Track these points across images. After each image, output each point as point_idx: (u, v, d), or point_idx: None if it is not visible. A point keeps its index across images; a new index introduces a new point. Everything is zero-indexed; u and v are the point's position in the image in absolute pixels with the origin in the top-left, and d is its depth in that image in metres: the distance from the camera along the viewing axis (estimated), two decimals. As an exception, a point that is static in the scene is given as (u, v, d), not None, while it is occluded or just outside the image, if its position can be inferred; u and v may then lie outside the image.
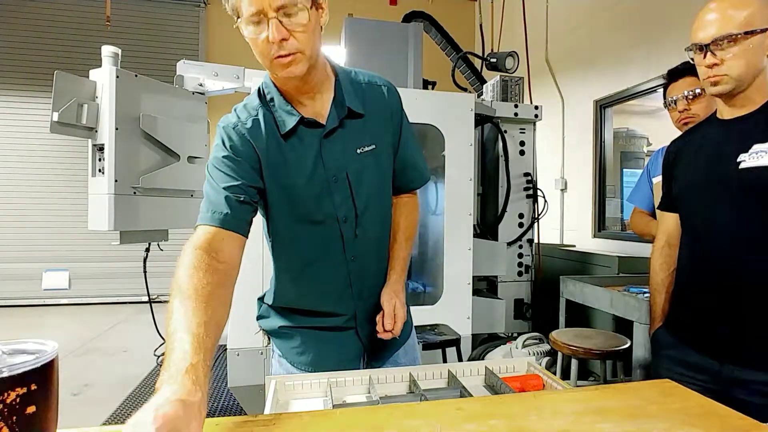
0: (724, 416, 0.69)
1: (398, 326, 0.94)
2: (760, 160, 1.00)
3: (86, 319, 4.73)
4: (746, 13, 0.99)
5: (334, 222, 0.94)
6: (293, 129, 0.89)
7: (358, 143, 0.93)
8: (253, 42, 0.82)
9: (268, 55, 0.81)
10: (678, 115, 1.60)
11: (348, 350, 1.04)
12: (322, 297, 1.01)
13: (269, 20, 0.76)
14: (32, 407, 0.41)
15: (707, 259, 1.10)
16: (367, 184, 0.94)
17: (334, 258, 0.97)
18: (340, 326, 1.03)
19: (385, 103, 0.98)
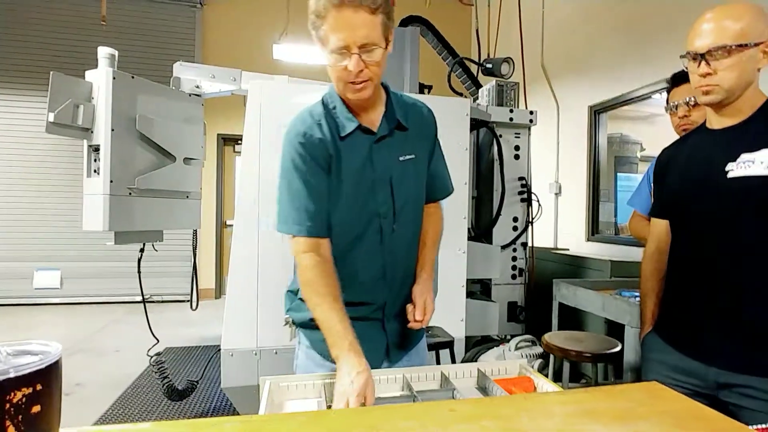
0: (711, 419, 0.71)
1: (427, 318, 1.07)
2: (748, 170, 1.02)
3: (78, 319, 4.69)
4: (741, 26, 1.01)
5: (375, 217, 1.07)
6: (350, 133, 1.04)
7: (400, 152, 1.08)
8: (334, 68, 0.98)
9: (343, 80, 0.97)
10: (678, 121, 1.60)
11: (375, 342, 1.11)
12: (358, 286, 1.09)
13: (351, 54, 0.93)
14: (37, 407, 0.42)
15: (696, 265, 1.12)
16: (405, 187, 1.09)
17: (372, 248, 1.08)
18: (369, 317, 1.11)
19: (424, 121, 1.15)
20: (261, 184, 2.05)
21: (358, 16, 0.91)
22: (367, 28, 0.92)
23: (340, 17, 0.91)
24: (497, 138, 2.75)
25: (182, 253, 5.43)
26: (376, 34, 0.94)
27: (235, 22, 5.78)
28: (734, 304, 1.04)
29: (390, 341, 1.14)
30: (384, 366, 1.14)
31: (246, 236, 2.04)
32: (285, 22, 5.71)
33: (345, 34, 0.92)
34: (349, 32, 0.91)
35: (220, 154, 5.87)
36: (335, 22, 0.92)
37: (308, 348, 1.16)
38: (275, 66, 5.02)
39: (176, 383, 2.30)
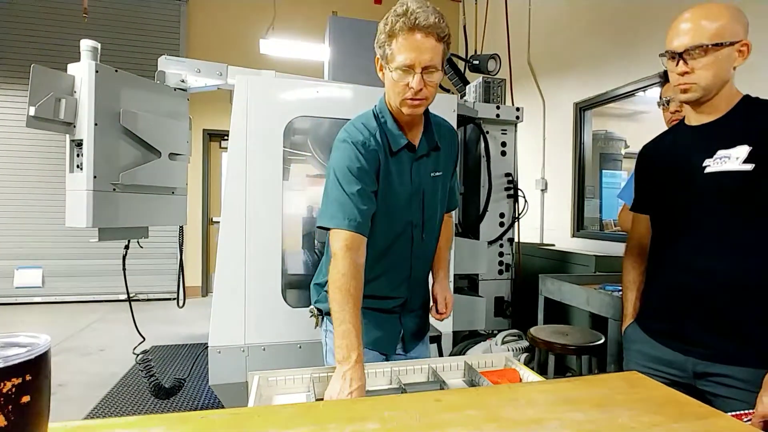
0: (685, 404, 0.74)
1: (448, 311, 1.26)
2: (724, 165, 1.05)
3: (61, 318, 4.61)
4: (717, 25, 1.03)
5: (408, 225, 1.19)
6: (400, 149, 1.15)
7: (432, 169, 1.21)
8: (395, 83, 1.07)
9: (402, 95, 1.07)
10: (670, 116, 1.63)
11: (391, 333, 1.26)
12: (386, 284, 1.22)
13: (415, 74, 1.03)
14: (27, 397, 0.42)
15: (675, 259, 1.16)
16: (433, 200, 1.22)
17: (404, 253, 1.21)
18: (390, 309, 1.25)
19: (452, 142, 1.28)
20: (248, 180, 2.04)
21: (426, 41, 1.02)
22: (432, 53, 1.03)
23: (411, 39, 1.02)
24: (484, 134, 2.77)
25: (168, 250, 5.38)
26: (438, 60, 1.05)
27: (221, 16, 5.71)
28: (711, 297, 1.08)
29: (405, 332, 1.28)
30: (399, 353, 1.28)
31: (233, 233, 2.03)
32: (272, 17, 5.66)
33: (413, 55, 1.02)
34: (416, 53, 1.02)
35: (207, 150, 5.81)
36: (406, 42, 1.02)
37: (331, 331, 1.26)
38: (262, 61, 4.98)
39: (163, 381, 2.28)
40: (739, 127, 1.06)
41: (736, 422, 0.70)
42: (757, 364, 1.00)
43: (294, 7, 5.75)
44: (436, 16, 1.03)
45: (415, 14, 1.00)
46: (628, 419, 0.69)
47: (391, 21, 1.03)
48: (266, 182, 2.06)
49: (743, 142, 1.03)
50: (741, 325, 1.04)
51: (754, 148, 1.02)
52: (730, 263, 1.06)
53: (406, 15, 1.01)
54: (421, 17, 1.00)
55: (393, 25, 1.02)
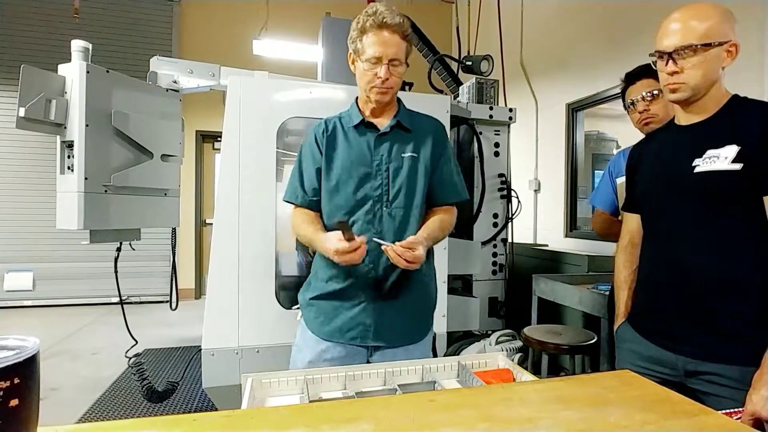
0: (677, 402, 0.75)
1: (407, 256, 1.14)
2: (713, 165, 1.06)
3: (52, 321, 4.56)
4: (706, 26, 1.05)
5: (369, 199, 1.27)
6: (356, 126, 1.31)
7: (402, 149, 1.30)
8: (365, 73, 1.24)
9: (371, 83, 1.23)
10: (638, 116, 1.65)
11: (362, 324, 1.27)
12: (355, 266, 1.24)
13: (382, 65, 1.20)
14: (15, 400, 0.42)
15: (665, 258, 1.17)
16: (401, 177, 1.28)
17: (363, 226, 1.26)
18: (355, 296, 1.27)
19: (431, 129, 1.36)
20: (241, 182, 2.03)
21: (392, 38, 1.20)
22: (397, 48, 1.21)
23: (380, 35, 1.20)
24: (477, 135, 2.78)
25: (161, 252, 5.33)
26: (402, 55, 1.23)
27: (214, 16, 5.69)
28: (700, 296, 1.08)
29: (374, 325, 1.27)
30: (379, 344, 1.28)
31: (226, 235, 2.02)
32: (265, 18, 5.64)
33: (381, 49, 1.19)
34: (384, 48, 1.19)
35: (199, 151, 5.78)
36: (375, 38, 1.20)
37: (304, 326, 1.35)
38: (255, 61, 4.96)
39: (156, 385, 2.26)
40: (727, 127, 1.07)
41: (726, 419, 0.71)
42: (746, 362, 1.00)
43: (287, 8, 5.74)
44: (401, 17, 1.21)
45: (382, 14, 1.18)
46: (621, 417, 0.69)
47: (362, 20, 1.21)
48: (259, 183, 2.06)
49: (732, 141, 1.04)
50: (730, 323, 1.05)
51: (743, 147, 1.03)
52: (718, 262, 1.07)
53: (375, 15, 1.19)
54: (388, 17, 1.19)
55: (364, 23, 1.20)
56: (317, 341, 1.30)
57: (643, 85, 1.62)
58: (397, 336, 1.31)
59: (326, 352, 1.28)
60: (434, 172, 1.33)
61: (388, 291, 1.28)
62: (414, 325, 1.34)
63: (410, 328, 1.33)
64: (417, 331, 1.36)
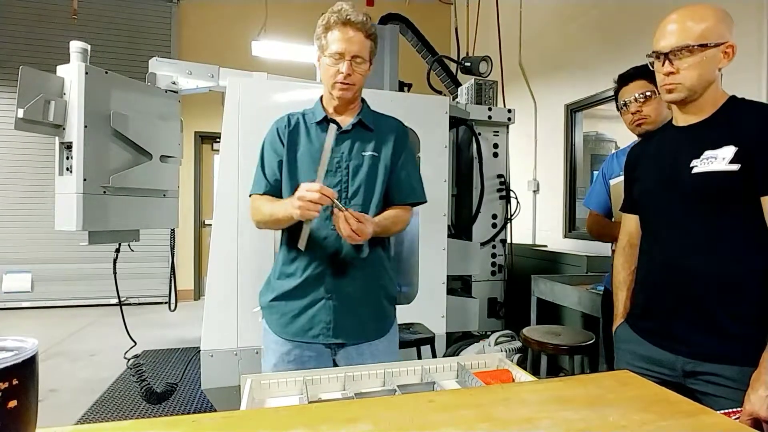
0: (675, 403, 0.75)
1: (352, 223, 1.13)
2: (711, 166, 1.06)
3: (51, 323, 4.55)
4: (703, 27, 1.05)
5: None
6: (319, 122, 1.32)
7: (363, 147, 1.31)
8: (328, 68, 1.25)
9: (334, 78, 1.25)
10: (631, 117, 1.66)
11: (320, 322, 1.27)
12: (305, 256, 1.26)
13: (345, 60, 1.22)
14: (14, 402, 0.42)
15: (663, 258, 1.17)
16: (360, 175, 1.29)
17: (321, 222, 1.24)
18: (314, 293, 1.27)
19: (391, 129, 1.37)
20: (240, 183, 2.03)
21: (356, 35, 1.23)
22: (361, 45, 1.24)
23: (344, 31, 1.22)
24: (476, 136, 2.79)
25: (160, 253, 5.33)
26: (366, 53, 1.26)
27: (213, 17, 5.69)
28: (698, 296, 1.09)
29: (335, 323, 1.27)
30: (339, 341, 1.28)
31: (225, 236, 2.02)
32: (263, 19, 5.64)
33: (344, 45, 1.22)
34: (347, 44, 1.22)
35: (198, 152, 5.77)
36: (339, 34, 1.22)
37: (266, 327, 1.34)
38: (254, 63, 4.96)
39: (155, 386, 2.26)
40: (725, 127, 1.08)
41: (724, 419, 0.71)
42: (744, 362, 1.01)
43: (286, 8, 5.75)
44: (365, 17, 1.25)
45: (347, 12, 1.22)
46: (619, 417, 0.69)
47: (327, 17, 1.24)
48: (258, 184, 2.05)
49: (729, 142, 1.05)
50: (728, 324, 1.05)
51: (740, 148, 1.03)
52: (716, 263, 1.07)
53: (339, 12, 1.22)
54: (353, 15, 1.22)
55: (328, 19, 1.23)
56: (281, 343, 1.29)
57: (636, 86, 1.63)
58: (358, 332, 1.30)
59: (289, 354, 1.28)
60: (393, 172, 1.34)
61: (345, 287, 1.27)
62: (374, 320, 1.33)
63: (370, 323, 1.32)
64: (378, 325, 1.34)
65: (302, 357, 1.27)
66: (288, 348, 1.28)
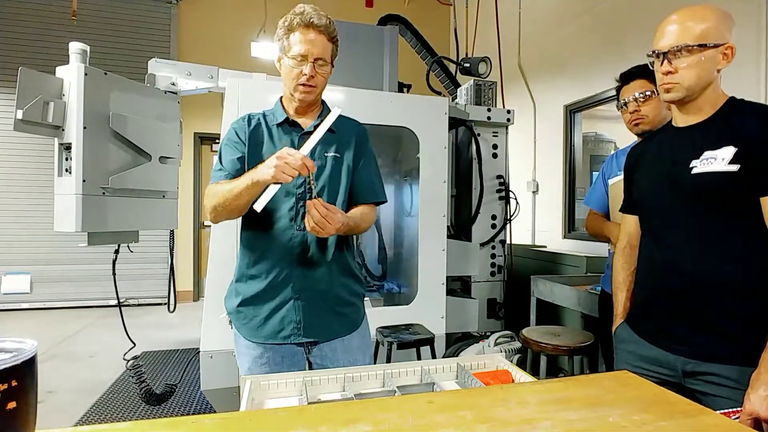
0: (674, 403, 0.75)
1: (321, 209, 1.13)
2: (710, 166, 1.07)
3: (50, 324, 4.54)
4: (703, 27, 1.05)
5: (291, 195, 1.26)
6: (280, 124, 1.31)
7: (326, 149, 1.31)
8: (289, 70, 1.25)
9: (296, 80, 1.24)
10: (629, 116, 1.67)
11: (290, 322, 1.26)
12: (271, 255, 1.26)
13: (308, 63, 1.22)
14: (12, 403, 0.42)
15: (663, 259, 1.17)
16: (325, 176, 1.30)
17: (285, 224, 1.26)
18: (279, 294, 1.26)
19: (353, 132, 1.38)
20: (240, 183, 2.03)
21: (319, 38, 1.23)
22: (323, 48, 1.24)
23: (307, 33, 1.22)
24: (475, 137, 2.79)
25: (159, 254, 5.33)
26: (328, 55, 1.26)
27: (212, 18, 5.69)
28: (698, 297, 1.09)
29: (306, 319, 1.26)
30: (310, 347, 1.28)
31: (224, 237, 2.02)
32: (263, 19, 5.65)
33: (307, 47, 1.22)
34: (310, 46, 1.22)
35: (198, 153, 5.77)
36: (301, 36, 1.22)
37: (236, 332, 1.33)
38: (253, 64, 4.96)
39: (154, 387, 2.26)
40: (724, 128, 1.08)
41: (723, 419, 0.71)
42: (744, 362, 1.01)
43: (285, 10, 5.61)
44: (328, 20, 1.25)
45: (309, 14, 1.22)
46: (619, 418, 0.69)
47: (289, 18, 1.24)
48: (258, 185, 2.05)
49: (729, 143, 1.05)
50: (727, 324, 1.05)
51: (740, 149, 1.03)
52: (715, 263, 1.07)
53: (302, 14, 1.22)
54: (315, 18, 1.22)
55: (291, 21, 1.23)
56: (252, 347, 1.28)
57: (637, 85, 1.64)
58: (328, 329, 1.30)
59: (262, 357, 1.27)
60: (356, 173, 1.35)
61: (312, 286, 1.27)
62: (343, 315, 1.33)
63: (340, 319, 1.32)
64: (347, 320, 1.34)
65: (275, 359, 1.27)
66: (260, 351, 1.27)
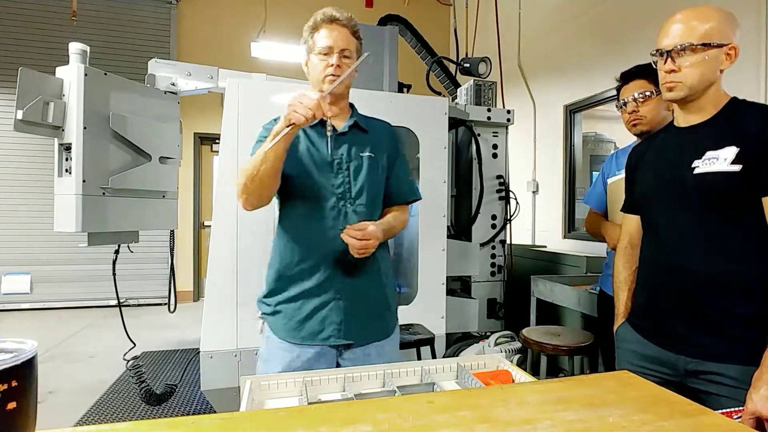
0: (675, 403, 0.75)
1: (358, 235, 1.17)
2: (712, 166, 1.07)
3: (50, 325, 4.54)
4: (707, 27, 1.06)
5: (332, 195, 1.28)
6: (314, 125, 1.29)
7: (361, 149, 1.33)
8: (316, 66, 1.29)
9: (323, 72, 1.27)
10: (627, 116, 1.66)
11: (331, 323, 1.26)
12: (314, 254, 1.27)
13: (334, 54, 1.26)
14: (12, 403, 0.42)
15: (665, 258, 1.17)
16: (362, 175, 1.31)
17: (328, 223, 1.26)
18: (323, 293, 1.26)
19: (386, 133, 1.42)
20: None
21: (343, 31, 1.28)
22: (347, 40, 1.28)
23: (331, 29, 1.28)
24: (475, 137, 2.79)
25: (159, 254, 5.33)
26: (353, 49, 1.30)
27: (212, 19, 5.69)
28: (700, 296, 1.09)
29: (347, 321, 1.27)
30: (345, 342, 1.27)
31: (224, 237, 2.02)
32: (263, 20, 5.65)
33: (332, 41, 1.27)
34: (334, 40, 1.27)
35: (198, 153, 5.77)
36: (326, 31, 1.28)
37: (270, 335, 1.31)
38: (253, 64, 4.97)
39: (154, 387, 2.26)
40: (726, 128, 1.08)
41: (723, 419, 0.71)
42: (746, 361, 1.01)
43: (285, 10, 5.75)
44: (350, 16, 1.31)
45: (331, 11, 1.29)
46: (619, 418, 0.69)
47: (313, 18, 1.31)
48: (258, 185, 2.05)
49: (731, 143, 1.05)
50: (729, 323, 1.05)
51: (742, 149, 1.03)
52: (717, 263, 1.07)
53: (324, 12, 1.30)
54: (337, 13, 1.29)
55: (315, 20, 1.30)
56: (288, 349, 1.26)
57: (636, 85, 1.63)
58: (367, 333, 1.31)
59: (296, 361, 1.25)
60: (390, 172, 1.38)
61: (354, 287, 1.28)
62: (381, 319, 1.35)
63: (378, 323, 1.34)
64: (384, 325, 1.36)
65: (309, 361, 1.25)
66: (297, 353, 1.26)
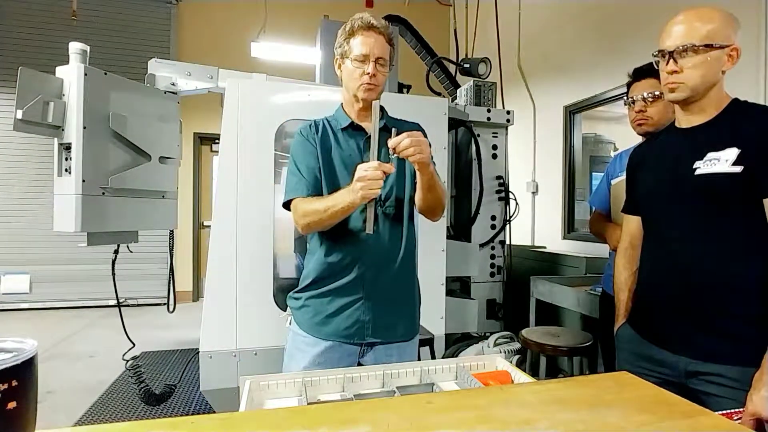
0: (674, 404, 0.75)
1: (408, 142, 1.15)
2: (713, 167, 1.07)
3: (49, 325, 4.54)
4: (709, 28, 1.06)
5: None
6: (345, 128, 1.35)
7: (389, 151, 1.30)
8: (353, 71, 1.29)
9: (359, 80, 1.28)
10: (634, 115, 1.65)
11: (358, 321, 1.29)
12: (343, 253, 1.29)
13: (370, 62, 1.27)
14: (13, 403, 0.42)
15: (666, 259, 1.17)
16: (392, 177, 1.29)
17: (358, 224, 1.27)
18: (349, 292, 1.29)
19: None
20: (239, 184, 2.03)
21: (379, 38, 1.29)
22: (383, 49, 1.29)
23: (368, 35, 1.28)
24: (475, 137, 2.79)
25: (158, 254, 5.32)
26: (387, 56, 1.31)
27: (212, 19, 5.70)
28: (701, 297, 1.09)
29: (374, 320, 1.29)
30: (371, 340, 1.29)
31: (224, 237, 2.02)
32: (263, 20, 5.65)
33: (368, 48, 1.27)
34: (371, 47, 1.27)
35: (197, 153, 5.77)
36: (362, 38, 1.28)
37: (295, 329, 1.34)
38: (253, 64, 4.96)
39: (153, 388, 2.25)
40: (728, 130, 1.08)
41: (722, 420, 0.71)
42: (746, 362, 1.01)
43: (285, 10, 5.75)
44: (386, 22, 1.33)
45: (369, 18, 1.30)
46: (618, 419, 0.69)
47: (349, 23, 1.31)
48: (257, 186, 2.06)
49: (732, 144, 1.05)
50: (730, 324, 1.05)
51: (743, 150, 1.03)
52: (718, 264, 1.07)
53: (362, 18, 1.31)
54: (374, 20, 1.30)
55: (351, 26, 1.30)
56: (313, 343, 1.29)
57: (646, 84, 1.62)
58: (392, 332, 1.33)
59: (321, 356, 1.28)
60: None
61: (383, 286, 1.31)
62: (407, 319, 1.38)
63: (404, 323, 1.36)
64: (410, 325, 1.39)
65: (333, 357, 1.28)
66: (321, 348, 1.28)
